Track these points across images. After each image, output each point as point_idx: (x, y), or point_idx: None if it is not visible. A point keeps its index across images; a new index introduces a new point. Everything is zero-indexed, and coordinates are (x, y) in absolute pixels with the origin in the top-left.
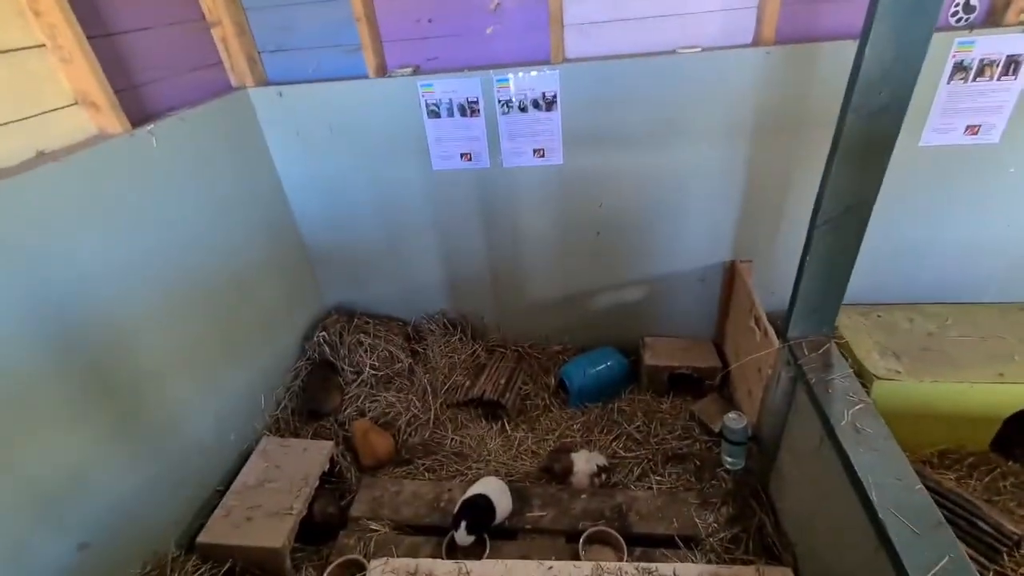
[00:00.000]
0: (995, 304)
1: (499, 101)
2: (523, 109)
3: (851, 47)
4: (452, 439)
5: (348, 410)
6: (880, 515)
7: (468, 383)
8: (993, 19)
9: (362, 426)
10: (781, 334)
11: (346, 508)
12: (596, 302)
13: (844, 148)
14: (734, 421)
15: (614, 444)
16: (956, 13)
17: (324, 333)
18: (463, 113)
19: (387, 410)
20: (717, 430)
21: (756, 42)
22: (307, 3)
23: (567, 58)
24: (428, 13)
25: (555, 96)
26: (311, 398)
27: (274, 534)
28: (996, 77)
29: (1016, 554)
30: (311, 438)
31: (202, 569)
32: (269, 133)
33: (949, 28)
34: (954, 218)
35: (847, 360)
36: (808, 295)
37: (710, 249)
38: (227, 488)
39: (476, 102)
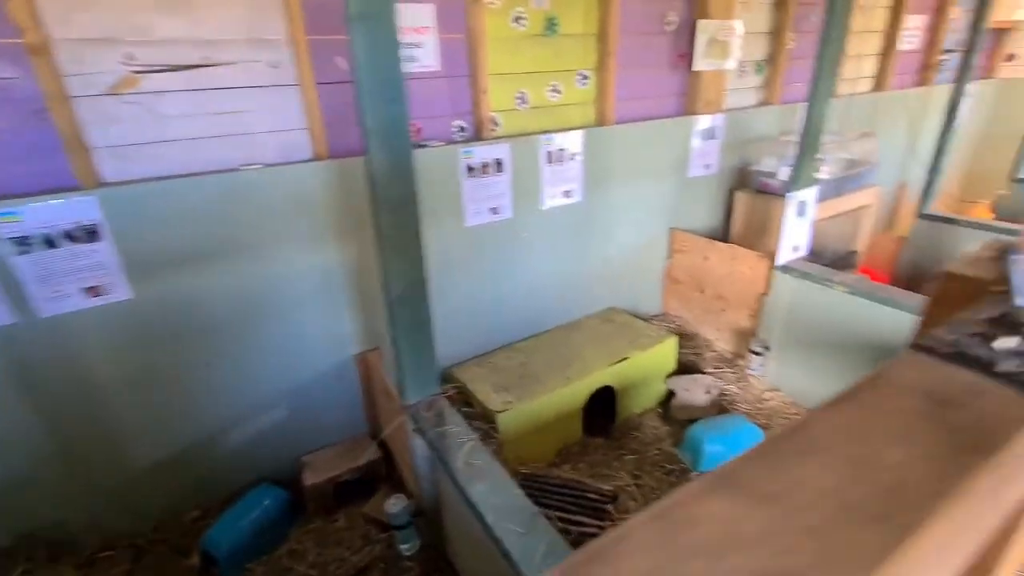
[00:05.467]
0: (556, 328)
1: (10, 240)
2: (52, 244)
3: None
4: None
5: None
6: (496, 532)
7: None
8: (478, 135)
9: None
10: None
11: None
12: (229, 441)
13: (385, 238)
14: (393, 506)
15: None
16: (456, 131)
17: None
18: None
19: None
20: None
21: (315, 157)
22: None
23: (105, 182)
24: None
25: (97, 224)
26: None
27: None
28: (494, 173)
29: (616, 506)
30: None
31: None
32: None
33: (455, 142)
34: (504, 274)
35: (472, 407)
36: (407, 364)
37: (335, 346)
38: None
39: None
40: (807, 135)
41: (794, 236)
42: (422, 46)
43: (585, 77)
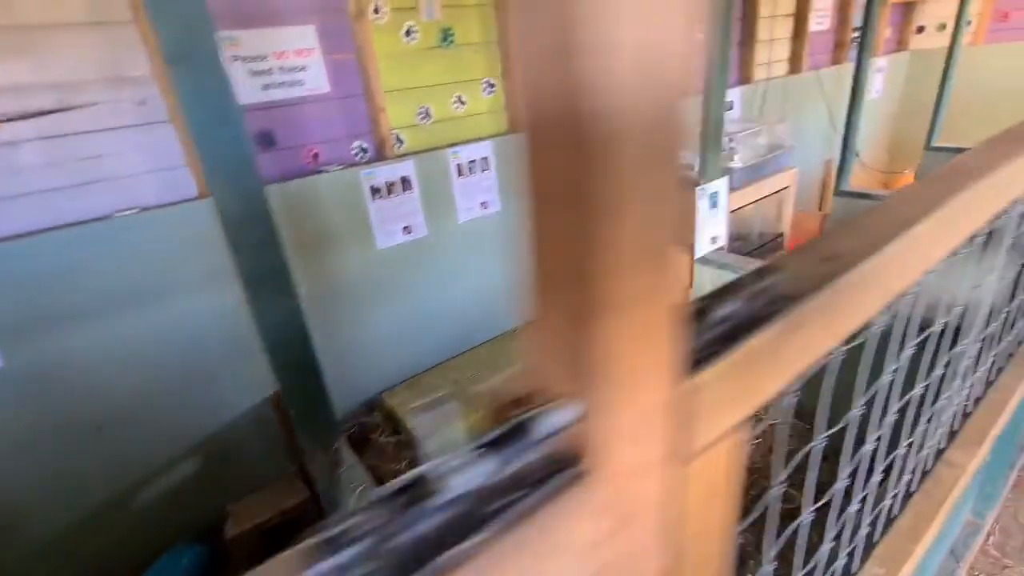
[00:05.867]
0: (488, 341)
1: None
2: None
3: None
4: None
5: None
6: None
7: None
8: (381, 155)
9: None
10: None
11: None
12: (143, 502)
13: (252, 282)
14: None
15: None
16: (357, 153)
17: None
18: None
19: None
20: None
21: (200, 194)
22: None
23: None
24: None
25: None
26: None
27: None
28: (402, 192)
29: None
30: None
31: None
32: None
33: (355, 164)
34: (428, 293)
35: (400, 434)
36: (297, 412)
37: (249, 387)
38: None
39: None
40: (707, 126)
41: (710, 228)
42: (307, 68)
43: (491, 85)
